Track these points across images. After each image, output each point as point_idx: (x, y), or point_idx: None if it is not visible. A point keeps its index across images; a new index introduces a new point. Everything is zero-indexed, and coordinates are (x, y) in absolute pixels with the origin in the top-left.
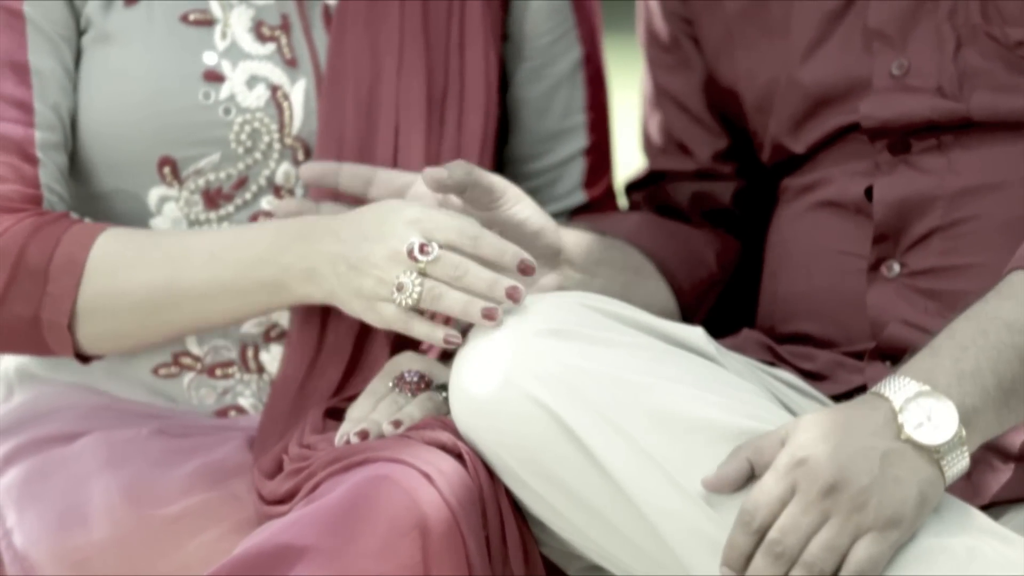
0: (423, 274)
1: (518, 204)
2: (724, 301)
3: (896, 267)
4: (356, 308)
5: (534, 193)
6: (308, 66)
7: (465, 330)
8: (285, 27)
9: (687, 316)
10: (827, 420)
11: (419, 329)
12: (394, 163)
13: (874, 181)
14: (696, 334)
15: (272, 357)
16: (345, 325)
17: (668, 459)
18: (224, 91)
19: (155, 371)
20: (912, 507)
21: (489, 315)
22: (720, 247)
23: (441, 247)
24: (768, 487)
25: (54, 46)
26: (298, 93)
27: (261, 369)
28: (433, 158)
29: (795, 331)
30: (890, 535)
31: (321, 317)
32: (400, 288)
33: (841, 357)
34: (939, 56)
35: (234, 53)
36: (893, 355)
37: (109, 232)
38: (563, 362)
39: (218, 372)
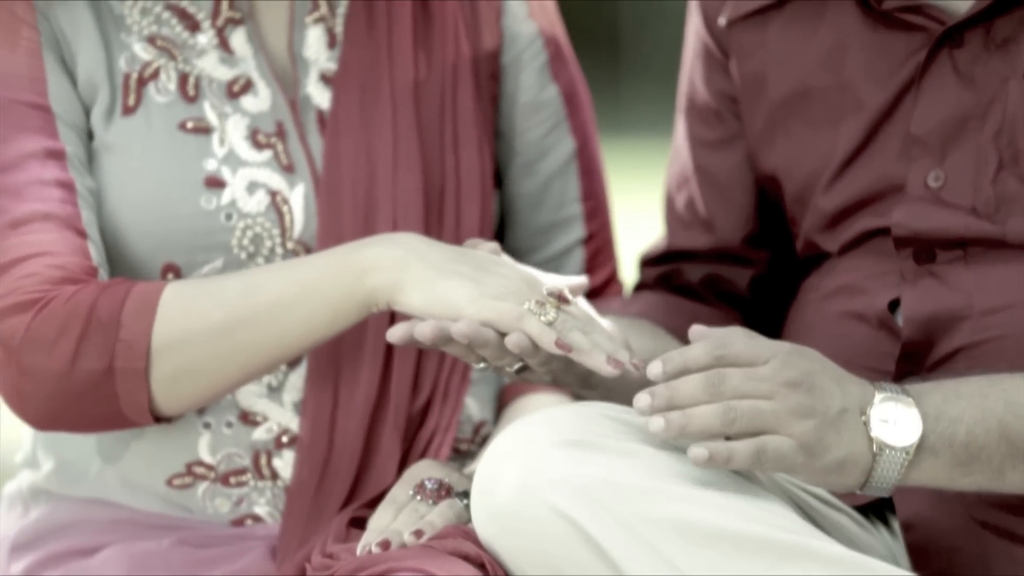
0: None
1: None
2: None
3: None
4: (448, 289)
5: None
6: (305, 171)
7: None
8: (280, 134)
9: None
10: (828, 358)
11: (532, 324)
12: None
13: (900, 294)
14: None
15: (285, 463)
16: (354, 425)
17: (691, 569)
18: (225, 197)
19: (169, 482)
20: (830, 459)
21: (615, 364)
22: (735, 321)
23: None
24: (756, 343)
25: (79, 137)
26: (297, 198)
27: (275, 475)
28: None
29: None
30: (799, 456)
31: (330, 419)
32: (539, 303)
33: None
34: (977, 175)
35: (233, 160)
36: None
37: (178, 281)
38: (585, 472)
39: (232, 480)
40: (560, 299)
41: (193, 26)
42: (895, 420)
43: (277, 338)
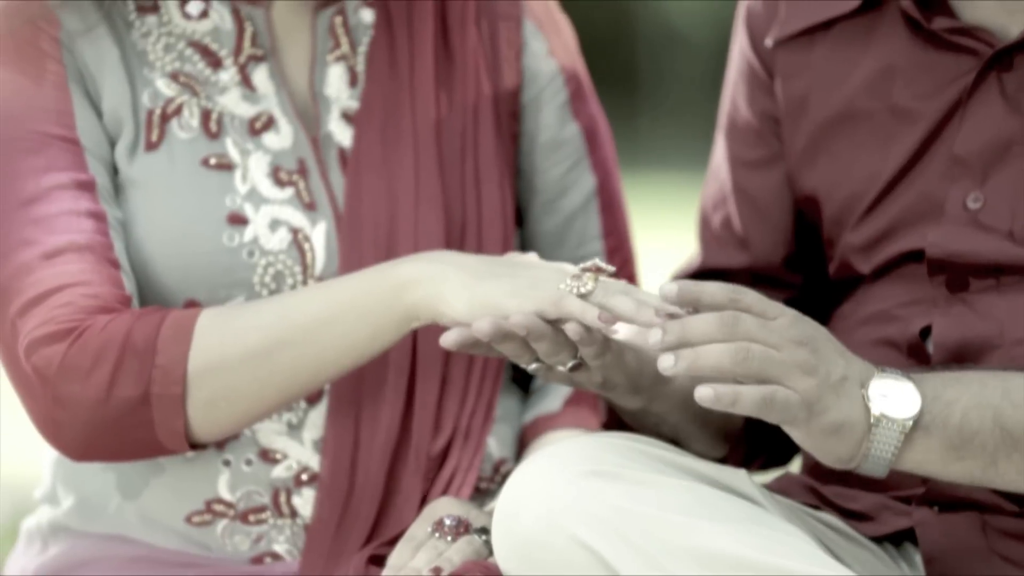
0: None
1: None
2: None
3: None
4: (488, 290)
5: None
6: (327, 209)
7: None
8: (302, 171)
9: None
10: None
11: (573, 304)
12: None
13: (931, 321)
14: (740, 476)
15: (305, 501)
16: (375, 464)
17: None
18: (248, 234)
19: (188, 519)
20: (827, 420)
21: (664, 315)
22: None
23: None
24: (767, 299)
25: (107, 169)
26: (319, 235)
27: (294, 513)
28: None
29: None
30: (801, 411)
31: (351, 458)
32: (575, 277)
33: (887, 500)
34: (1016, 200)
35: (255, 197)
36: (941, 501)
37: (213, 307)
38: (607, 503)
39: (251, 518)
40: (595, 271)
41: (215, 63)
42: (893, 395)
43: (316, 358)
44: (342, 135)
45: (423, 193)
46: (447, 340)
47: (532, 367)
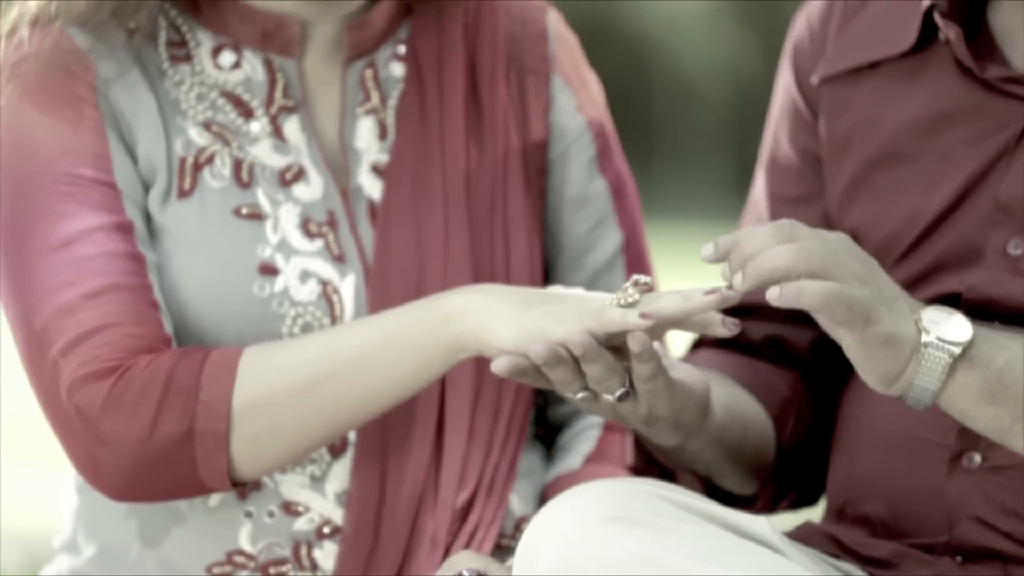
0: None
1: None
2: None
3: (977, 459)
4: (535, 318)
5: None
6: (356, 262)
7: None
8: (332, 223)
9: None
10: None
11: (613, 313)
12: None
13: None
14: (760, 524)
15: (326, 554)
16: (400, 517)
17: None
18: (278, 284)
19: (209, 570)
20: (881, 330)
21: (713, 292)
22: (796, 381)
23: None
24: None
25: (142, 214)
26: (348, 288)
27: (315, 566)
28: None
29: (866, 513)
30: (860, 314)
31: (376, 511)
32: (621, 291)
33: (909, 548)
34: None
35: (285, 248)
36: (964, 551)
37: (257, 344)
38: (628, 549)
39: (272, 570)
40: (643, 285)
41: (247, 113)
42: (945, 323)
43: (361, 392)
44: (372, 188)
45: (452, 247)
46: (499, 366)
47: (579, 396)
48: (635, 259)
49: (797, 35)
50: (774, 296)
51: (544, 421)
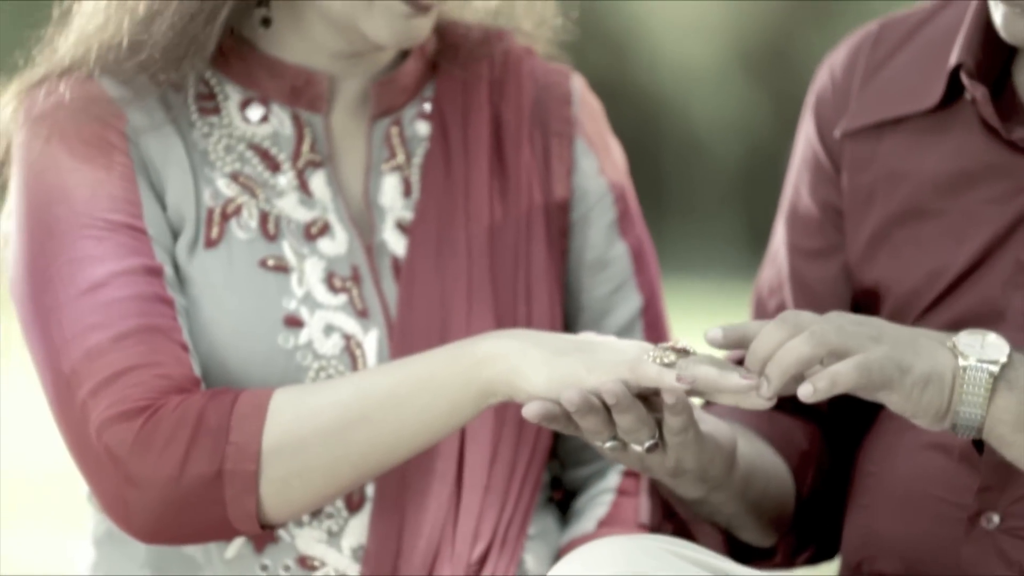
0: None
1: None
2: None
3: (996, 519)
4: (568, 364)
5: None
6: (380, 317)
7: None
8: (356, 279)
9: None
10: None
11: (650, 368)
12: None
13: None
14: None
15: None
16: (416, 572)
17: None
18: (303, 337)
19: None
20: (916, 374)
21: (748, 376)
22: (814, 433)
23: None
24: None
25: (171, 259)
26: (371, 342)
27: None
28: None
29: (882, 572)
30: (895, 369)
31: (392, 566)
32: (659, 349)
33: None
34: None
35: (310, 301)
36: None
37: (287, 386)
38: None
39: None
40: (677, 350)
41: (274, 166)
42: (980, 344)
43: (392, 435)
44: (396, 244)
45: (475, 304)
46: (530, 411)
47: (608, 445)
48: (653, 322)
49: (820, 86)
50: (808, 393)
51: (560, 485)
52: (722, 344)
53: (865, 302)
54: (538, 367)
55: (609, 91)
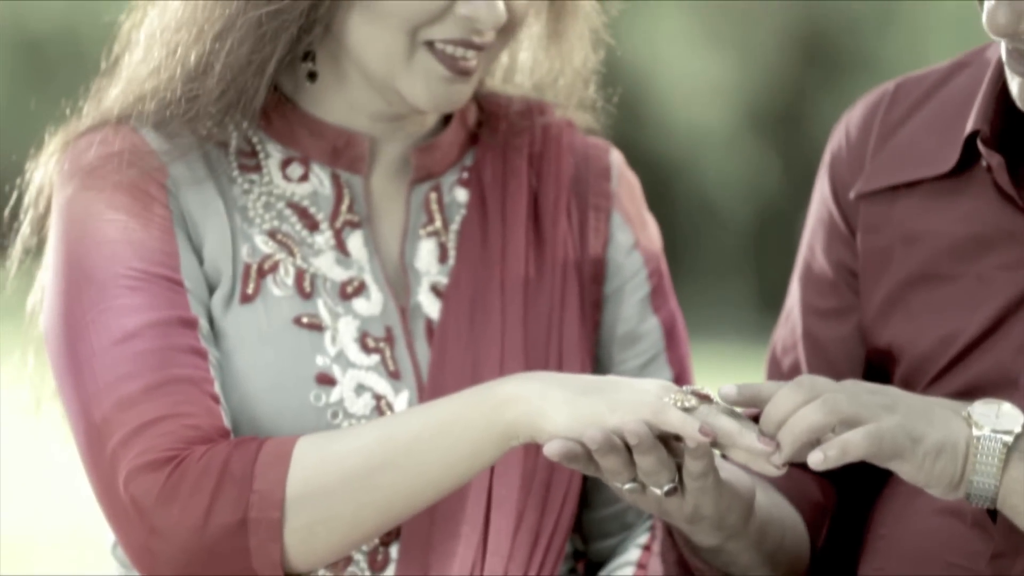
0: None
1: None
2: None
3: None
4: (590, 405)
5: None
6: (411, 379)
7: None
8: (389, 339)
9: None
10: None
11: (673, 414)
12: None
13: None
14: None
15: None
16: None
17: None
18: (334, 395)
19: None
20: (929, 443)
21: (766, 441)
22: (828, 488)
23: None
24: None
25: (206, 312)
26: (401, 404)
27: None
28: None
29: None
30: (907, 439)
31: None
32: (680, 393)
33: None
34: None
35: (343, 360)
36: None
37: (310, 434)
38: None
39: None
40: (700, 396)
41: (312, 225)
42: (996, 414)
43: (416, 479)
44: (430, 307)
45: (507, 372)
46: (551, 449)
47: (627, 487)
48: None
49: (835, 146)
50: (818, 461)
51: (583, 556)
52: (735, 401)
53: (879, 363)
54: (560, 407)
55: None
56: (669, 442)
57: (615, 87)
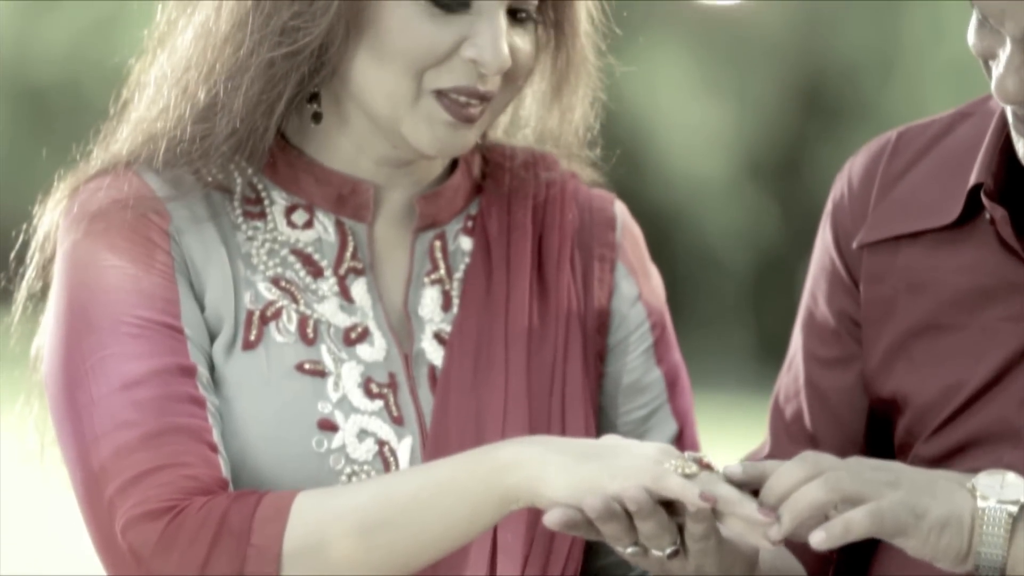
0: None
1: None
2: None
3: None
4: (590, 471)
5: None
6: (414, 425)
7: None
8: (392, 385)
9: None
10: None
11: (673, 481)
12: None
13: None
14: None
15: None
16: None
17: None
18: (336, 441)
19: None
20: (933, 518)
21: (766, 512)
22: None
23: None
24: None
25: (206, 359)
26: (404, 450)
27: None
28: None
29: None
30: (910, 515)
31: None
32: (680, 459)
33: None
34: None
35: (345, 406)
36: None
37: (310, 490)
38: None
39: None
40: (702, 464)
41: (316, 272)
42: (1001, 484)
43: (413, 540)
44: (434, 354)
45: (510, 420)
46: (551, 519)
47: (629, 550)
48: (687, 450)
49: (837, 195)
50: (820, 540)
51: None
52: (741, 481)
53: (882, 413)
54: (559, 473)
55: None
56: (671, 503)
57: (615, 137)
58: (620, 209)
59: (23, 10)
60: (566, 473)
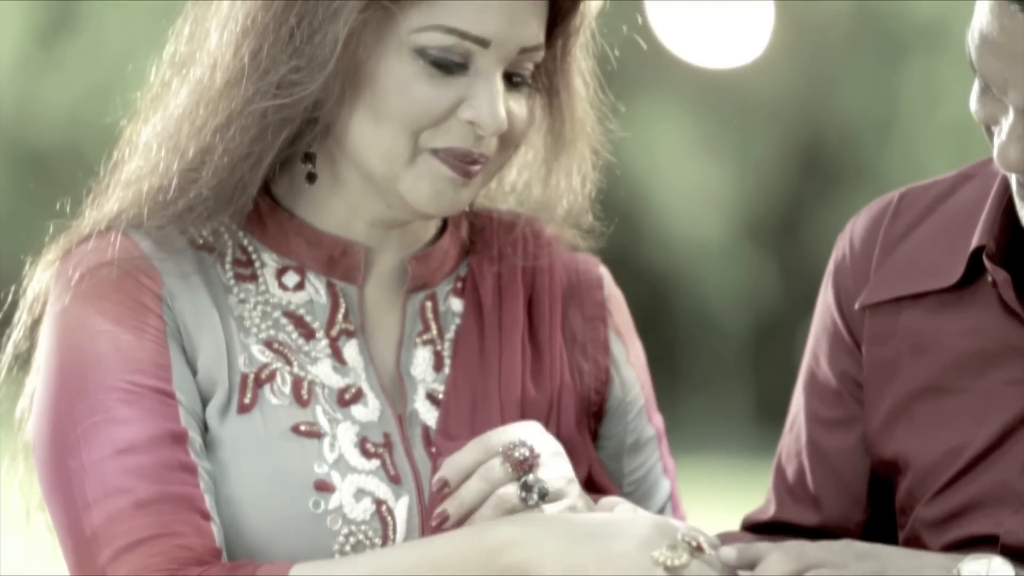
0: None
1: None
2: None
3: None
4: (582, 556)
5: None
6: (411, 484)
7: None
8: (387, 445)
9: None
10: None
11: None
12: None
13: None
14: None
15: None
16: None
17: None
18: (333, 501)
19: None
20: None
21: None
22: None
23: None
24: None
25: (198, 424)
26: (402, 509)
27: None
28: None
29: None
30: None
31: None
32: (671, 548)
33: None
34: None
35: (342, 466)
36: None
37: (305, 562)
38: None
39: None
40: (696, 548)
41: (308, 334)
42: (987, 567)
43: None
44: (427, 414)
45: None
46: None
47: None
48: (676, 506)
49: (839, 256)
50: None
51: None
52: (736, 564)
53: (884, 474)
54: (552, 558)
55: (619, 267)
56: None
57: (614, 201)
58: (604, 271)
59: (24, 73)
60: (560, 556)
